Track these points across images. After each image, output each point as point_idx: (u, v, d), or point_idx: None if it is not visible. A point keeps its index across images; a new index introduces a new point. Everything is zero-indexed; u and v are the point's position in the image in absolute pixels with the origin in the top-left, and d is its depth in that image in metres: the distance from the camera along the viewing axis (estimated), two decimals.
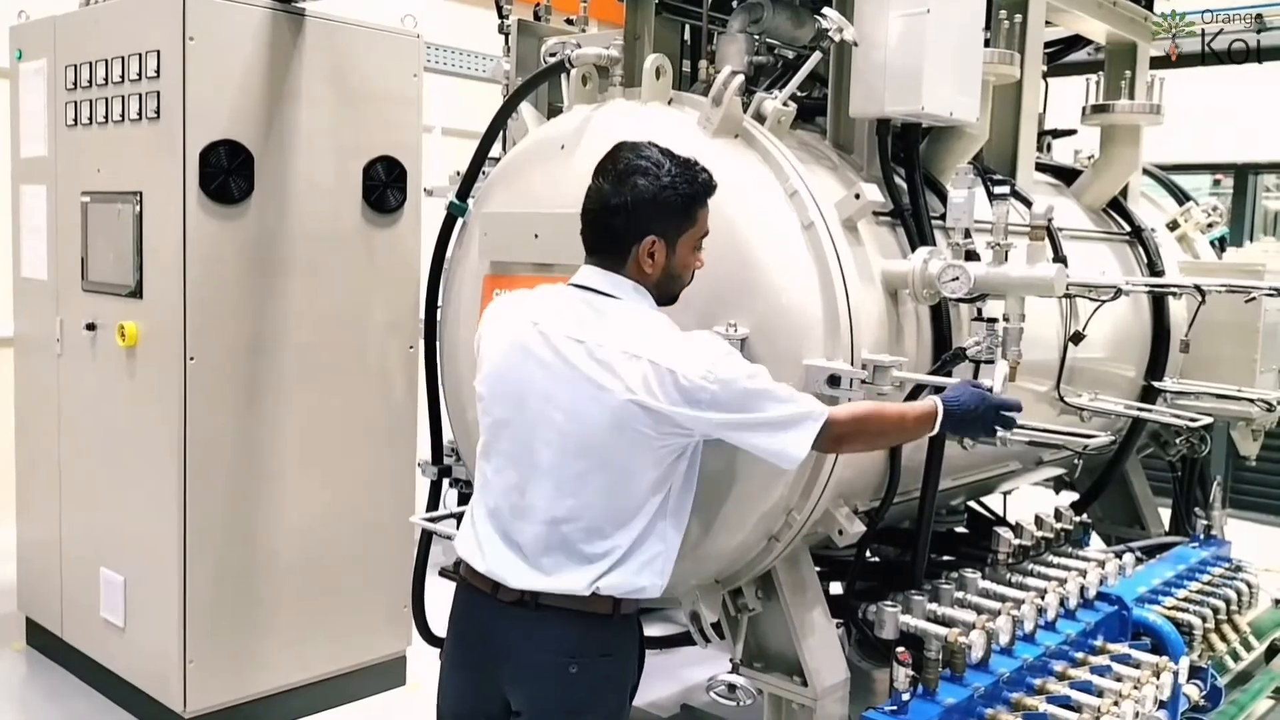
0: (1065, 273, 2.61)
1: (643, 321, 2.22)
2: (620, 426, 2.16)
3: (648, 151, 2.23)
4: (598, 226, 2.26)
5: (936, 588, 3.04)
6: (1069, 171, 4.35)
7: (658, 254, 2.23)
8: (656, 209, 2.20)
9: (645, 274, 2.25)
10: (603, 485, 2.20)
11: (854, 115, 2.93)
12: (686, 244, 2.28)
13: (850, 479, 2.77)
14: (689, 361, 2.14)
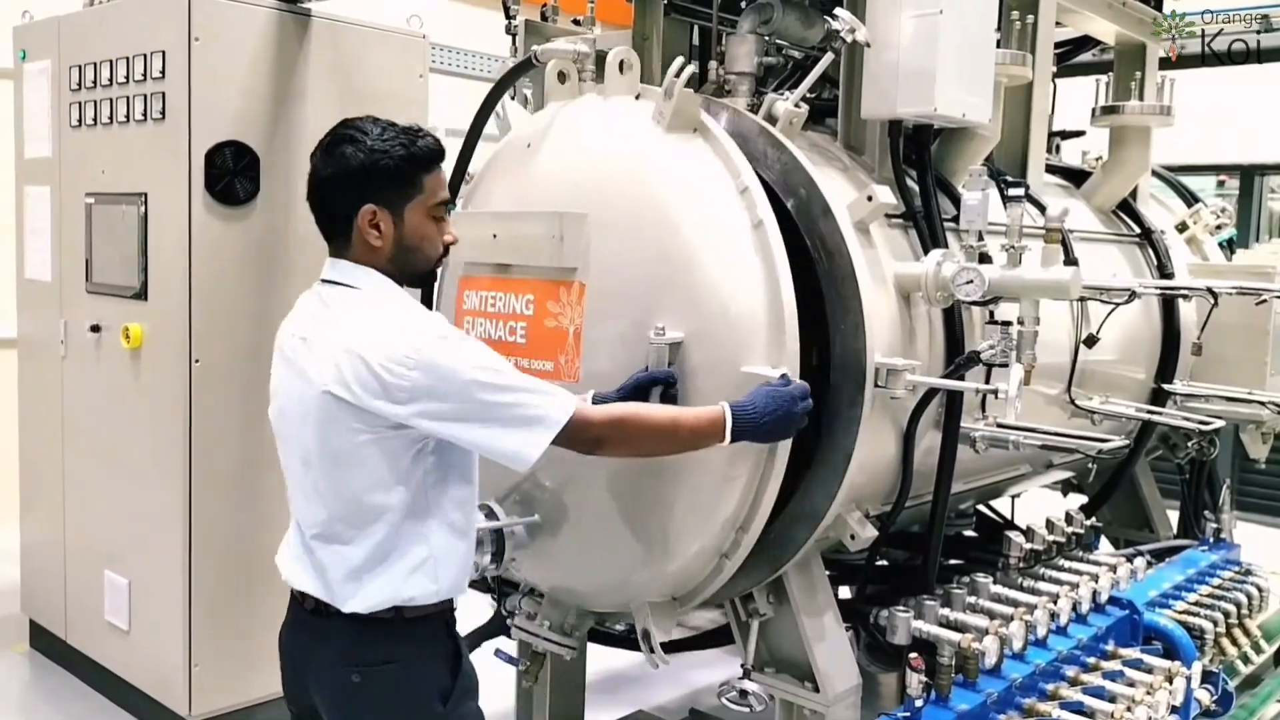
0: (1081, 275, 2.58)
1: (362, 306, 2.06)
2: (324, 423, 2.03)
3: (359, 121, 2.10)
4: (314, 205, 2.13)
5: (948, 592, 3.02)
6: (1078, 173, 4.33)
7: (383, 225, 2.08)
8: (369, 176, 2.05)
9: (374, 249, 2.09)
10: (332, 489, 2.08)
11: (866, 116, 2.91)
12: (418, 212, 2.11)
13: (862, 483, 2.75)
14: (388, 346, 1.97)
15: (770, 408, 2.28)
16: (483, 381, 1.99)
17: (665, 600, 2.72)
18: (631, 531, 2.66)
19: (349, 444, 2.03)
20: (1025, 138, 3.58)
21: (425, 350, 1.97)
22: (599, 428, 2.11)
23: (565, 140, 2.84)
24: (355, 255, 2.11)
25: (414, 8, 4.41)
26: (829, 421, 2.64)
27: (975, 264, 2.60)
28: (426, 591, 2.10)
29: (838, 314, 2.61)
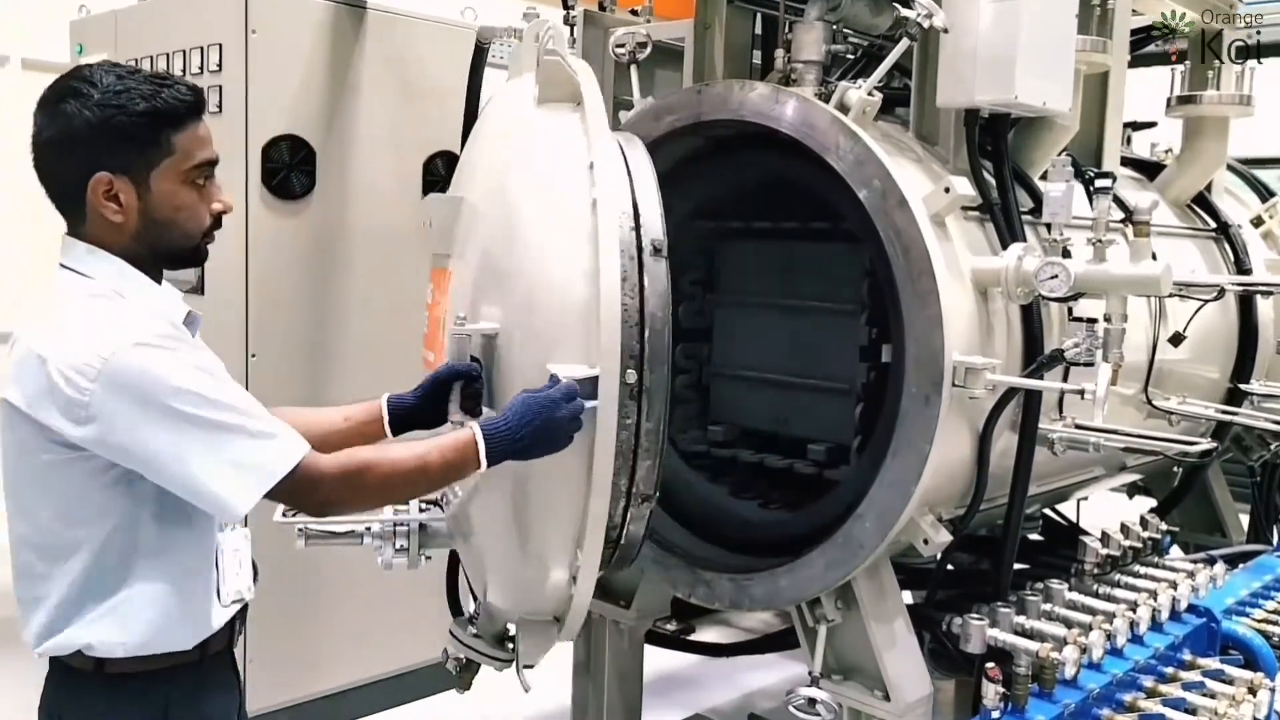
0: (1172, 271, 2.47)
1: (65, 296, 1.72)
2: (8, 436, 1.71)
3: (90, 68, 1.73)
4: (39, 174, 1.76)
5: (1022, 599, 2.92)
6: (1151, 165, 4.19)
7: (124, 195, 1.72)
8: (99, 137, 1.68)
9: (115, 226, 1.74)
10: (19, 513, 1.75)
11: (941, 105, 2.81)
12: (169, 178, 1.74)
13: (935, 486, 2.66)
14: (73, 347, 1.61)
15: (526, 419, 1.92)
16: (182, 411, 1.63)
17: (545, 620, 2.36)
18: (514, 542, 2.31)
19: (32, 465, 1.69)
20: (1101, 128, 3.45)
21: (115, 359, 1.61)
22: (327, 487, 1.75)
23: (493, 122, 2.61)
24: (93, 234, 1.75)
25: (468, 1, 4.36)
26: (902, 422, 2.56)
27: (1059, 258, 2.50)
28: (109, 641, 1.73)
29: (913, 310, 2.52)
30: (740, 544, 3.07)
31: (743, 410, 3.31)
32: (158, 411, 1.62)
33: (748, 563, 2.97)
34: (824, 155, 2.65)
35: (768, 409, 3.23)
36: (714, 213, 3.29)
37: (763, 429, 3.27)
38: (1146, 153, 4.64)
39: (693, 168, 3.15)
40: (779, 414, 3.21)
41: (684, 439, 3.36)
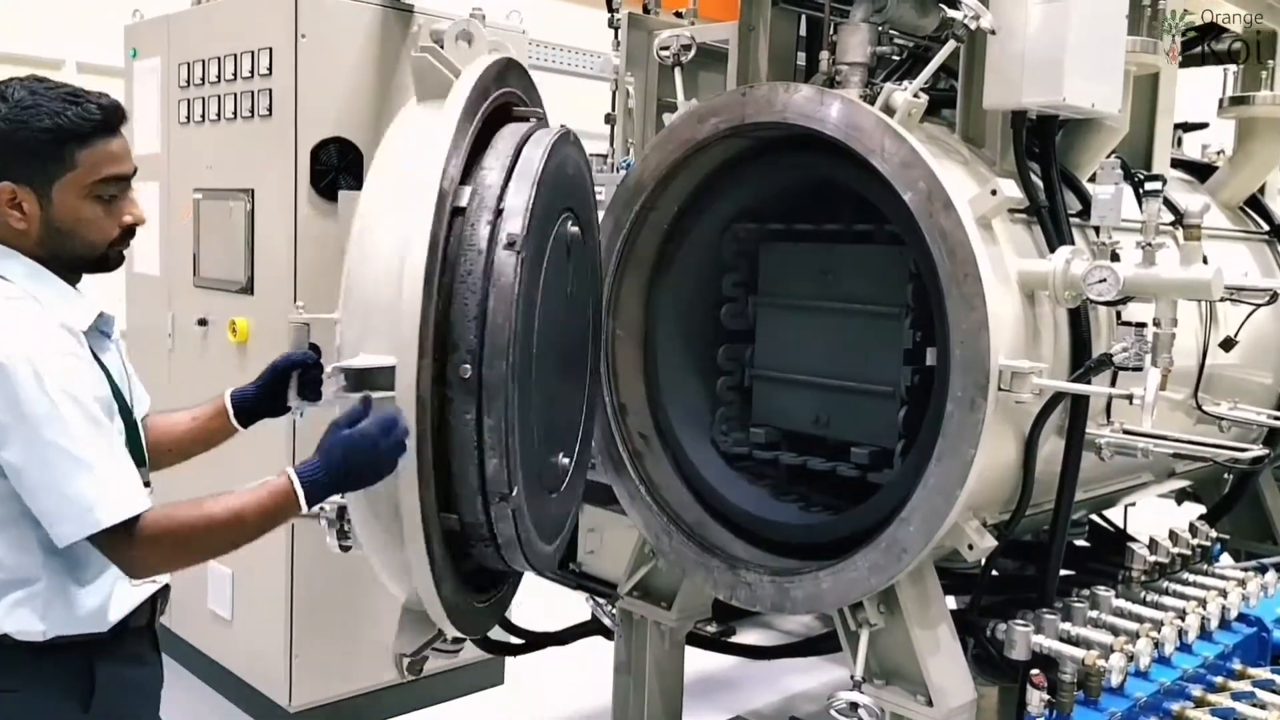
0: (1224, 274, 2.44)
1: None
2: None
3: (5, 85, 1.84)
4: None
5: (1068, 606, 2.89)
6: (1202, 167, 4.13)
7: (27, 205, 1.83)
8: (5, 149, 1.80)
9: (18, 231, 1.85)
10: None
11: (988, 107, 2.79)
12: (71, 191, 1.84)
13: (980, 491, 2.64)
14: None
15: (342, 463, 1.94)
16: (39, 434, 1.72)
17: (422, 611, 2.36)
18: (379, 535, 2.32)
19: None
20: (1150, 130, 3.41)
21: (9, 365, 1.71)
22: (142, 550, 1.78)
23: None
24: (1, 237, 1.87)
25: (514, 4, 4.39)
26: (947, 426, 2.54)
27: (1108, 262, 2.47)
28: (28, 630, 1.83)
29: (959, 313, 2.50)
30: (782, 546, 3.07)
31: (785, 412, 3.30)
32: (29, 425, 1.71)
33: (790, 565, 2.96)
34: (869, 157, 2.63)
35: (810, 411, 3.22)
36: (757, 215, 3.29)
37: (805, 431, 3.26)
38: (1197, 154, 4.56)
39: (736, 170, 3.15)
40: (821, 416, 3.20)
41: (725, 441, 3.36)
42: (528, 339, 2.27)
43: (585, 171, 2.72)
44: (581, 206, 2.68)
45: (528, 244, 2.23)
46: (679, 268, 3.28)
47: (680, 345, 3.34)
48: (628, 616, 3.50)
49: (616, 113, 3.94)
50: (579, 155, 2.63)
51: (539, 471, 2.46)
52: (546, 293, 2.39)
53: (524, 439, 2.26)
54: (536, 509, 2.40)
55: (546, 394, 2.45)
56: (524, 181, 2.28)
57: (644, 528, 3.21)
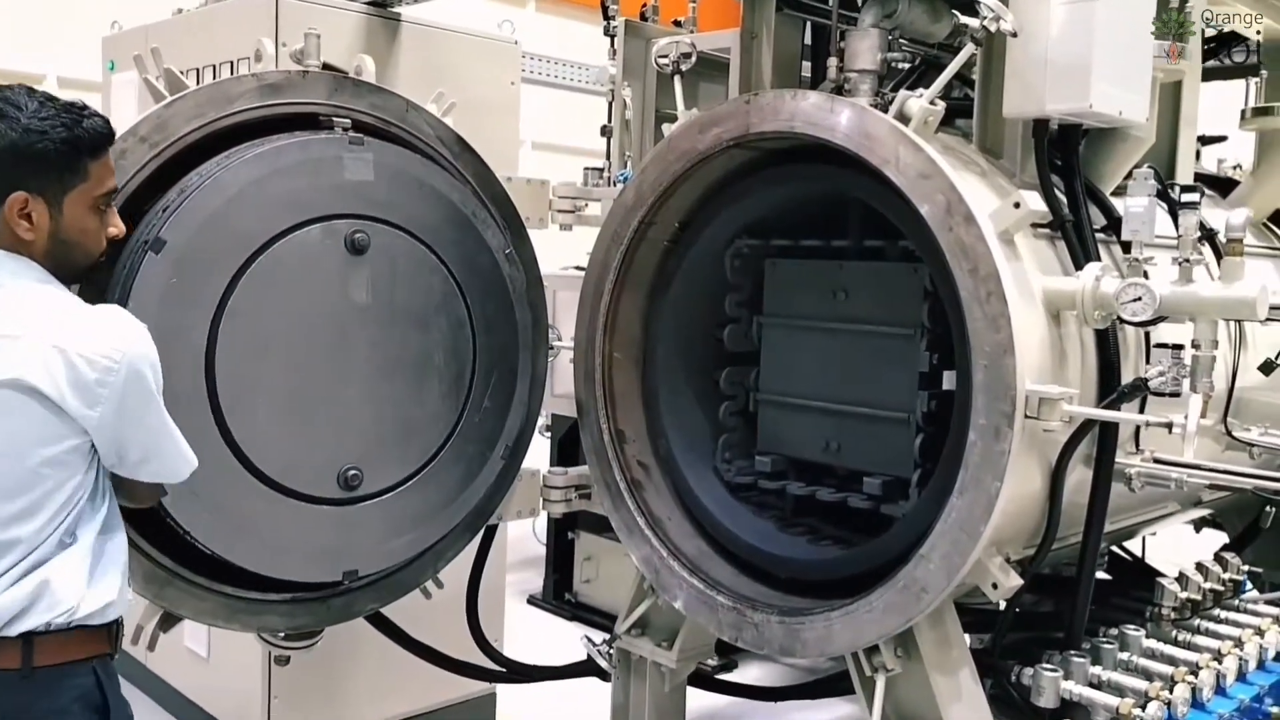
0: (1270, 293, 2.26)
1: (30, 295, 1.84)
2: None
3: (11, 93, 1.84)
4: None
5: (1096, 647, 2.71)
6: (1222, 181, 3.97)
7: (37, 215, 1.84)
8: (22, 159, 1.80)
9: (23, 242, 1.85)
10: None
11: (1009, 115, 2.63)
12: (79, 203, 1.88)
13: (1003, 525, 2.45)
14: (92, 336, 1.81)
15: None
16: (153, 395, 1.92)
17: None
18: None
19: (29, 456, 1.81)
20: (1174, 140, 3.25)
21: (132, 343, 1.86)
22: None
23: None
24: (4, 242, 1.87)
25: (504, 16, 4.24)
26: (969, 456, 2.36)
27: (1143, 279, 2.29)
28: (57, 606, 1.85)
29: (982, 334, 2.32)
30: (790, 583, 2.88)
31: (792, 439, 3.12)
32: (147, 393, 1.89)
33: (799, 604, 2.77)
34: (882, 168, 2.47)
35: (819, 438, 3.05)
36: (762, 230, 3.12)
37: (813, 460, 3.08)
38: (1214, 168, 4.41)
39: (740, 183, 2.98)
40: (831, 444, 3.02)
41: (729, 470, 3.18)
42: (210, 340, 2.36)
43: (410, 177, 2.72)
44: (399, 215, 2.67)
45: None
46: (679, 286, 3.11)
47: (681, 368, 3.16)
48: (625, 656, 3.30)
49: (613, 124, 3.78)
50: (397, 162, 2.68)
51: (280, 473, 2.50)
52: (291, 298, 2.49)
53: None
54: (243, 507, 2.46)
55: (311, 400, 2.54)
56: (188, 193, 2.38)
57: (642, 563, 3.02)
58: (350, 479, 2.62)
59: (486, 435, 2.89)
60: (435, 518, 2.83)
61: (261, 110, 2.63)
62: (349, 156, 2.59)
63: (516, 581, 5.57)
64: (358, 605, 2.91)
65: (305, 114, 2.68)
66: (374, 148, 2.65)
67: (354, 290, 2.61)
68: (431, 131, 2.91)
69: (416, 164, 2.75)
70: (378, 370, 2.68)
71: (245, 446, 2.45)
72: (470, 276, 2.82)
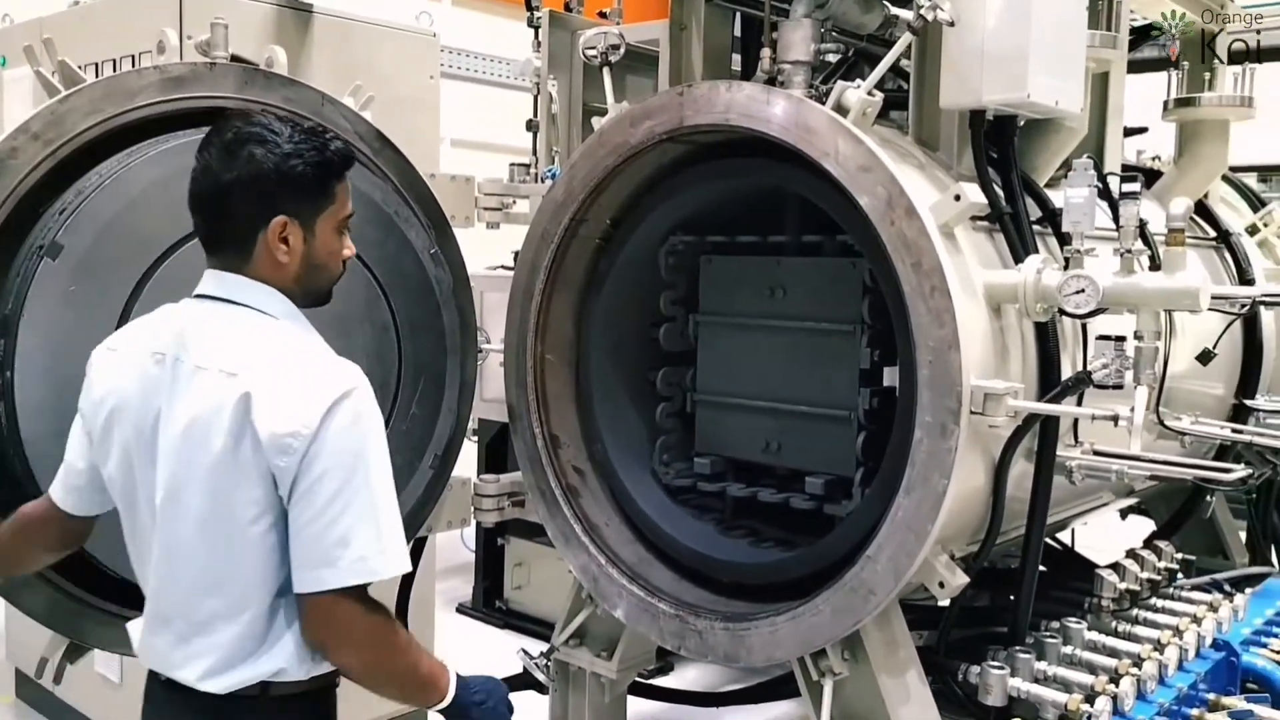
0: (1210, 283, 2.26)
1: (260, 332, 1.80)
2: (210, 466, 1.73)
3: (262, 119, 1.84)
4: (210, 214, 1.84)
5: (1040, 642, 2.68)
6: (1144, 172, 4.01)
7: (293, 238, 1.82)
8: (281, 183, 1.79)
9: (280, 266, 1.82)
10: (198, 545, 1.76)
11: (946, 106, 2.59)
12: (328, 225, 1.87)
13: (949, 522, 2.41)
14: (300, 384, 1.71)
15: (494, 703, 1.95)
16: (352, 479, 1.70)
17: None
18: None
19: (240, 500, 1.72)
20: (1102, 132, 3.26)
21: (340, 412, 1.71)
22: (389, 646, 1.79)
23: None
24: (254, 271, 1.83)
25: (421, 8, 4.11)
26: (915, 454, 2.31)
27: (1085, 271, 2.27)
28: (294, 669, 1.79)
29: (926, 329, 2.28)
30: (732, 588, 2.81)
31: (731, 440, 3.05)
32: (348, 467, 1.70)
33: (742, 608, 2.71)
34: (821, 161, 2.41)
35: (758, 438, 2.98)
36: (697, 226, 3.05)
37: (753, 460, 3.01)
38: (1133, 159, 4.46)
39: (673, 178, 2.90)
40: (771, 444, 2.96)
41: (667, 473, 3.10)
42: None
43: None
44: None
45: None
46: (612, 285, 3.01)
47: (616, 370, 3.07)
48: (564, 668, 3.20)
49: (539, 119, 3.67)
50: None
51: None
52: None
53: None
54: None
55: None
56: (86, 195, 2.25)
57: (580, 571, 2.93)
58: None
59: (414, 444, 2.77)
60: None
61: (165, 105, 2.48)
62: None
63: (445, 590, 5.42)
64: None
65: (213, 109, 2.52)
66: None
67: None
68: (349, 127, 2.77)
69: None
70: None
71: None
72: (394, 278, 2.70)
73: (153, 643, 1.84)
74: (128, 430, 1.82)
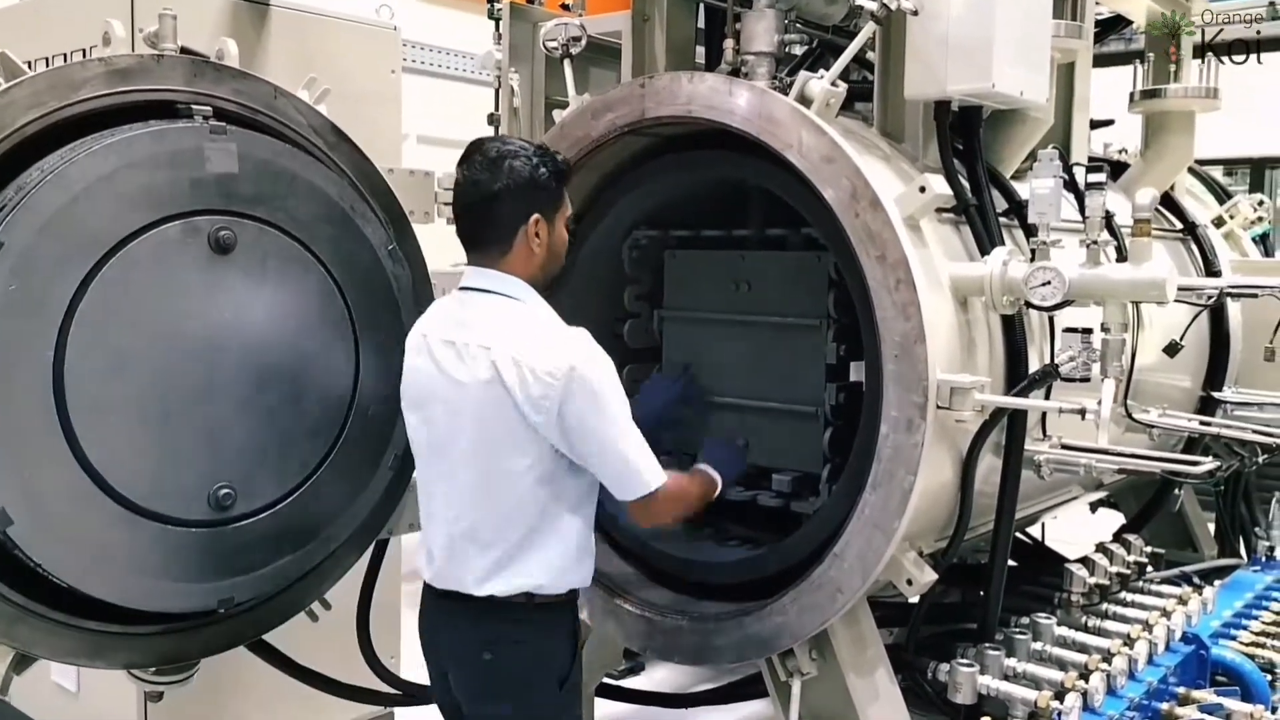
0: (1176, 274, 2.23)
1: (511, 314, 2.19)
2: (481, 420, 2.14)
3: (506, 138, 2.35)
4: (480, 217, 2.22)
5: (1009, 638, 2.66)
6: (1111, 164, 4.00)
7: (543, 233, 2.22)
8: (537, 187, 2.19)
9: (532, 256, 2.22)
10: (479, 485, 2.18)
11: (910, 97, 2.56)
12: (561, 222, 2.28)
13: (916, 518, 2.38)
14: (542, 354, 2.09)
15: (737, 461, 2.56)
16: (610, 412, 2.11)
17: None
18: None
19: (507, 440, 2.12)
20: (1068, 123, 3.24)
21: (583, 365, 2.07)
22: (678, 505, 2.26)
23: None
24: (508, 264, 2.20)
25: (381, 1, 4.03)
26: (881, 450, 2.28)
27: (1051, 263, 2.24)
28: (553, 582, 2.20)
29: (892, 323, 2.24)
30: (699, 587, 2.77)
31: (698, 438, 3.01)
32: (592, 404, 2.09)
33: (709, 608, 2.67)
34: (784, 153, 2.37)
35: (725, 435, 2.94)
36: (661, 220, 3.00)
37: None
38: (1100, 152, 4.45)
39: (636, 172, 2.86)
40: (740, 441, 2.91)
41: None
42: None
43: (279, 169, 2.52)
44: (269, 208, 2.48)
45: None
46: (575, 281, 2.95)
47: None
48: None
49: (501, 112, 3.62)
50: (265, 152, 2.49)
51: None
52: (149, 304, 2.28)
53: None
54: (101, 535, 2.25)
55: (176, 415, 2.33)
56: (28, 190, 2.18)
57: None
58: (222, 499, 2.40)
59: (373, 445, 2.70)
60: (318, 537, 2.64)
61: (111, 98, 2.39)
62: (210, 147, 2.37)
63: (413, 592, 5.32)
64: (236, 634, 2.69)
65: (161, 102, 2.44)
66: (238, 137, 2.44)
67: (220, 293, 2.40)
68: (303, 120, 2.70)
69: (286, 154, 2.53)
70: (250, 379, 2.47)
71: (102, 469, 2.21)
72: (350, 275, 2.62)
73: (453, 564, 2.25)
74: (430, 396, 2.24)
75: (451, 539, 2.25)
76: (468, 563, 2.21)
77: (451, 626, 2.28)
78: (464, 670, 2.26)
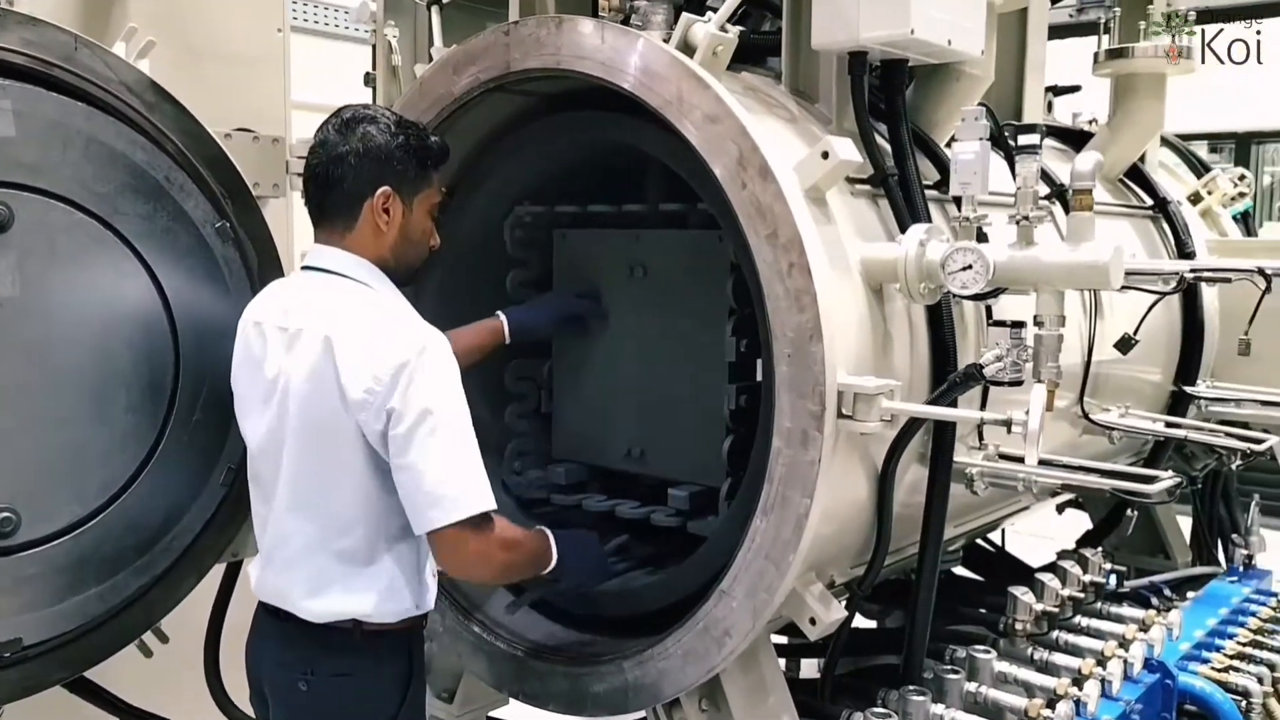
0: (1124, 255, 1.85)
1: (352, 298, 1.98)
2: (306, 417, 1.94)
3: (371, 107, 2.09)
4: (323, 182, 2.00)
5: (940, 678, 2.29)
6: (1076, 134, 3.61)
7: (393, 210, 2.01)
8: (389, 158, 1.99)
9: (380, 235, 2.01)
10: (306, 490, 1.97)
11: (819, 47, 2.17)
12: (423, 205, 2.07)
13: (823, 542, 2.01)
14: (377, 344, 1.88)
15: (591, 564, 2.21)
16: (441, 417, 1.86)
17: None
18: None
19: (338, 453, 1.92)
20: (1019, 85, 2.85)
21: (417, 371, 1.85)
22: (501, 551, 1.94)
23: None
24: (353, 242, 2.01)
25: None
26: (773, 467, 1.91)
27: (973, 243, 1.86)
28: (384, 609, 1.98)
29: (783, 315, 1.87)
30: (588, 621, 2.40)
31: (591, 445, 2.64)
32: (417, 417, 1.84)
33: (598, 648, 2.30)
34: (663, 111, 1.99)
35: (621, 443, 2.57)
36: (545, 194, 2.61)
37: (616, 468, 2.60)
38: (1069, 121, 4.07)
39: (513, 136, 2.47)
40: (634, 449, 2.55)
41: (519, 482, 2.68)
42: None
43: (71, 132, 2.14)
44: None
45: None
46: (450, 262, 2.57)
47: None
48: None
49: (377, 71, 3.24)
50: (52, 112, 2.11)
51: None
52: None
53: None
54: None
55: None
56: None
57: None
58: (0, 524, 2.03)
59: (199, 457, 2.32)
60: (134, 563, 2.26)
61: None
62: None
63: None
64: (41, 677, 2.31)
65: None
66: (15, 93, 2.04)
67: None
68: (112, 76, 2.30)
69: (80, 115, 2.14)
70: (37, 382, 2.09)
71: None
72: (165, 258, 2.24)
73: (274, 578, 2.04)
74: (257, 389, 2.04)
75: (275, 548, 2.05)
76: (290, 575, 2.02)
77: (271, 647, 2.08)
78: (278, 699, 2.07)
